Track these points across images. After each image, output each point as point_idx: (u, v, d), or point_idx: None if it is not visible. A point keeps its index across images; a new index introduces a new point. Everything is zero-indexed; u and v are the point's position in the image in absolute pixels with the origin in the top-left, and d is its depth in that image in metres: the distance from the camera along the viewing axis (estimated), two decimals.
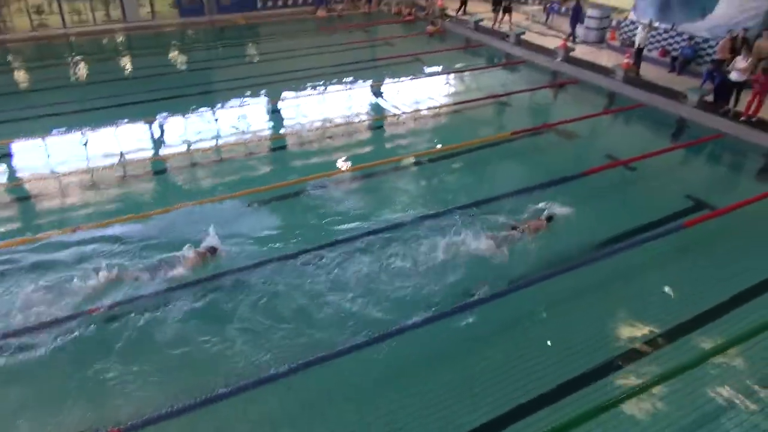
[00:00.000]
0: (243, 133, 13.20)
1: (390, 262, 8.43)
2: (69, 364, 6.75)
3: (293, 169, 11.58)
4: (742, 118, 13.19)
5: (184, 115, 14.06)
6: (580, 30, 19.56)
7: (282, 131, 13.53)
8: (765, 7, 14.94)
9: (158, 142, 12.88)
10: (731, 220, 9.83)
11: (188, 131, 13.40)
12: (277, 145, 12.84)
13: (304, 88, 15.87)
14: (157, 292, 7.73)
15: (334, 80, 16.59)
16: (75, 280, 7.85)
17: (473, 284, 7.89)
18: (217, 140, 12.88)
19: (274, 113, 14.60)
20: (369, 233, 9.08)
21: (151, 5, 22.49)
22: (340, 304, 7.61)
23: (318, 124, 13.66)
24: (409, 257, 8.50)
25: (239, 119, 14.10)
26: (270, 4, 23.99)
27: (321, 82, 16.33)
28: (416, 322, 7.23)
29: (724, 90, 13.84)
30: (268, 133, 13.38)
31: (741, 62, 13.25)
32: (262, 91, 15.64)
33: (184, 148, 12.39)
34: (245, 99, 15.13)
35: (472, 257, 8.46)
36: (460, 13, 23.02)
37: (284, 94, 15.53)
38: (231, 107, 14.74)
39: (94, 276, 7.86)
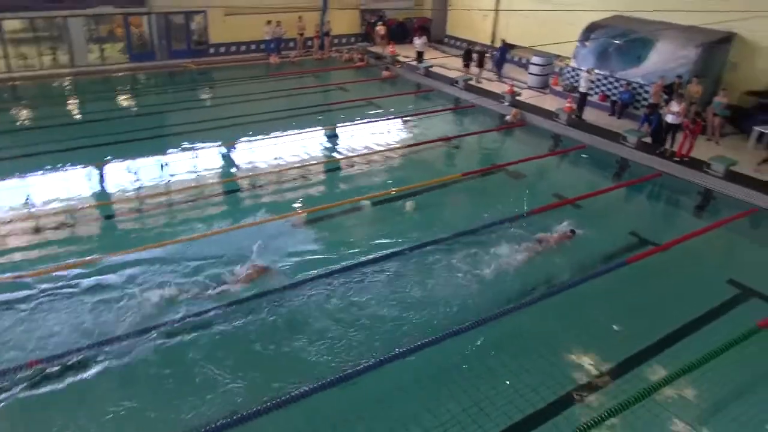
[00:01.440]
0: (195, 177, 13.05)
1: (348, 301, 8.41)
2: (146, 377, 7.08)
3: (245, 212, 11.46)
4: (677, 158, 13.94)
5: (132, 160, 13.75)
6: (529, 78, 20.49)
7: (235, 175, 13.43)
8: (693, 57, 16.01)
9: (105, 188, 12.57)
10: (672, 255, 10.26)
11: (137, 176, 13.07)
12: (230, 188, 12.74)
13: (258, 133, 15.86)
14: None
15: (288, 124, 16.69)
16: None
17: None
18: (167, 185, 12.66)
19: (227, 157, 14.51)
20: (321, 276, 9.06)
21: (101, 50, 22.31)
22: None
23: (271, 167, 13.65)
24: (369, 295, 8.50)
25: (190, 164, 13.94)
26: (222, 50, 24.16)
27: (274, 127, 16.39)
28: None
29: (661, 132, 14.64)
30: (219, 177, 13.25)
31: (675, 106, 14.08)
32: (215, 136, 15.53)
33: (132, 193, 12.11)
34: (197, 143, 14.95)
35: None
36: (415, 61, 23.53)
37: (237, 138, 15.47)
38: (182, 152, 14.55)
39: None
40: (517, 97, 18.51)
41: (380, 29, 25.56)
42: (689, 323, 8.37)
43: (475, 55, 21.42)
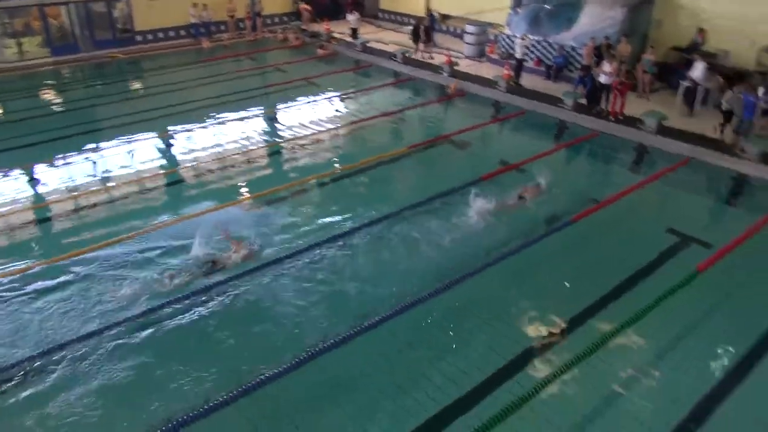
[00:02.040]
0: (133, 171, 12.60)
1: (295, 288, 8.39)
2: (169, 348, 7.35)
3: (190, 202, 11.18)
4: (611, 117, 14.43)
5: (64, 158, 13.13)
6: (465, 48, 20.65)
7: (176, 165, 13.04)
8: (620, 17, 16.49)
9: (38, 188, 11.97)
10: (614, 210, 10.69)
11: (69, 175, 12.49)
12: (172, 179, 12.38)
13: (195, 121, 15.40)
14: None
15: (227, 109, 16.26)
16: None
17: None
18: (104, 182, 12.17)
19: (166, 148, 14.05)
20: (278, 259, 9.00)
21: (19, 45, 21.02)
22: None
23: (213, 155, 13.33)
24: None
25: (127, 157, 13.43)
26: (150, 37, 23.21)
27: (213, 113, 15.95)
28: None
29: (595, 92, 15.09)
30: (160, 168, 12.84)
31: (606, 66, 14.51)
32: (150, 127, 14.98)
33: (66, 193, 11.59)
34: (132, 136, 14.35)
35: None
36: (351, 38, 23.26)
37: (175, 127, 14.97)
38: (117, 146, 13.97)
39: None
40: (456, 67, 18.63)
41: (304, 7, 25.14)
42: (635, 274, 8.78)
43: (422, 31, 20.86)
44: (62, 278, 8.61)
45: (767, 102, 12.52)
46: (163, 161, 13.28)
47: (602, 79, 14.66)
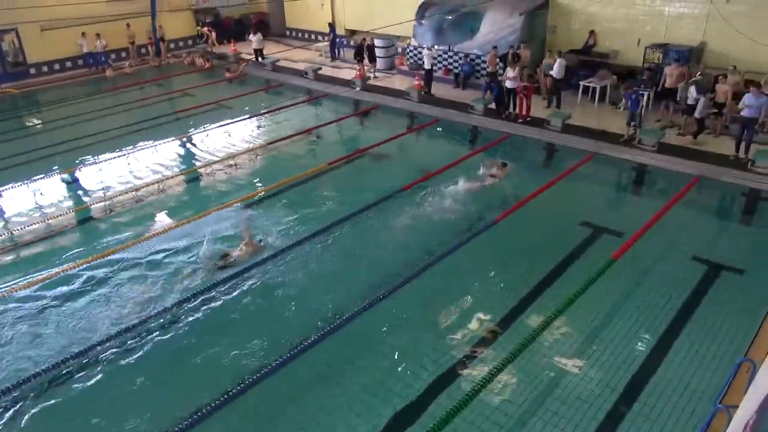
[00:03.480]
0: (37, 211, 11.84)
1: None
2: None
3: (103, 240, 10.60)
4: (520, 120, 15.10)
5: None
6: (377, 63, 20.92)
7: (85, 201, 12.35)
8: (518, 24, 17.33)
9: None
10: (531, 208, 11.16)
11: None
12: (82, 217, 11.72)
13: (102, 152, 14.67)
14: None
15: (136, 139, 15.62)
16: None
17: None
18: (6, 226, 11.36)
19: (71, 185, 13.26)
20: (194, 295, 8.73)
21: None
22: None
23: (125, 186, 12.75)
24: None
25: (31, 197, 12.61)
26: (46, 69, 21.98)
27: (121, 143, 15.25)
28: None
29: (502, 97, 15.73)
30: (67, 206, 12.13)
31: (510, 72, 15.18)
32: (52, 162, 14.14)
33: None
34: (32, 175, 13.44)
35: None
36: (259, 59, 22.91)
37: (81, 160, 14.21)
38: (17, 185, 13.09)
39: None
40: (368, 81, 18.87)
41: (207, 29, 24.68)
42: (556, 267, 9.18)
43: (366, 49, 20.04)
44: None
45: (696, 100, 13.37)
46: (70, 199, 12.55)
47: (508, 84, 15.31)
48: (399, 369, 7.20)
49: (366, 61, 19.95)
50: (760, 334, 7.38)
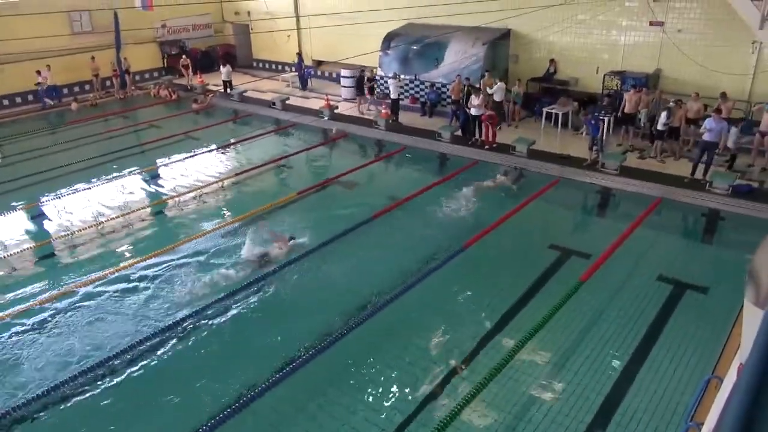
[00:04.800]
0: None
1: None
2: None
3: (66, 275, 10.32)
4: (486, 147, 15.37)
5: None
6: (342, 91, 21.13)
7: (48, 237, 12.02)
8: (482, 54, 17.78)
9: None
10: (500, 232, 11.29)
11: None
12: (44, 252, 11.39)
13: (65, 186, 14.35)
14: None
15: (100, 172, 15.32)
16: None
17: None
18: None
19: (34, 220, 12.93)
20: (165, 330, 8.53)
21: None
22: None
23: (89, 221, 12.46)
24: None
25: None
26: (6, 102, 21.50)
27: (84, 177, 14.94)
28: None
29: (468, 124, 16.02)
30: (30, 242, 11.79)
31: (475, 100, 15.50)
32: (13, 198, 13.77)
33: None
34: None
35: None
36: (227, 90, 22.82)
37: (42, 197, 13.87)
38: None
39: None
40: (336, 110, 19.02)
41: (183, 61, 24.60)
42: (528, 291, 9.28)
43: (366, 81, 19.56)
44: None
45: (665, 125, 13.79)
46: (31, 234, 12.22)
47: (473, 111, 15.62)
48: (367, 401, 7.12)
49: (366, 93, 19.63)
50: (726, 351, 7.54)
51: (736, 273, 9.39)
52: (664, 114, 13.63)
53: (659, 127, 13.81)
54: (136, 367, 7.81)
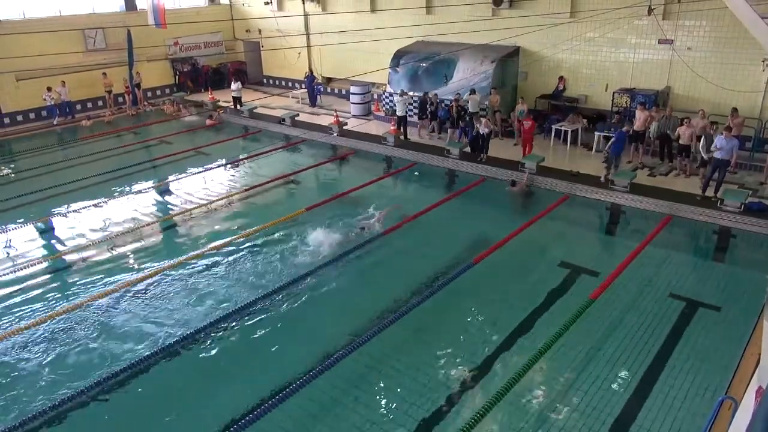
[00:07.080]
0: (12, 260, 11.58)
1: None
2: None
3: (76, 291, 10.36)
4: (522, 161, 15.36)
5: None
6: (352, 107, 21.27)
7: (60, 250, 12.10)
8: (491, 71, 17.84)
9: None
10: (510, 248, 11.24)
11: None
12: (56, 266, 11.45)
13: (79, 200, 14.50)
14: None
15: (113, 187, 15.49)
16: None
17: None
18: None
19: (47, 233, 13.05)
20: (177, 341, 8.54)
21: None
22: None
23: (101, 235, 12.54)
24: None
25: (5, 247, 12.34)
26: (20, 118, 21.81)
27: (97, 192, 15.09)
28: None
29: (477, 141, 16.03)
30: (42, 255, 11.87)
31: (483, 118, 15.53)
32: (27, 212, 13.91)
33: None
34: (9, 223, 13.22)
35: None
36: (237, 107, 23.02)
37: (56, 211, 14.00)
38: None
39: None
40: (345, 127, 19.12)
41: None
42: (537, 308, 9.21)
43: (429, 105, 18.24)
44: None
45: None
46: (45, 247, 12.31)
47: (481, 129, 15.63)
48: (379, 417, 7.06)
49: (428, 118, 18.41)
50: (740, 370, 7.43)
51: (749, 291, 9.37)
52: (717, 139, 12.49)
53: (704, 155, 12.88)
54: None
